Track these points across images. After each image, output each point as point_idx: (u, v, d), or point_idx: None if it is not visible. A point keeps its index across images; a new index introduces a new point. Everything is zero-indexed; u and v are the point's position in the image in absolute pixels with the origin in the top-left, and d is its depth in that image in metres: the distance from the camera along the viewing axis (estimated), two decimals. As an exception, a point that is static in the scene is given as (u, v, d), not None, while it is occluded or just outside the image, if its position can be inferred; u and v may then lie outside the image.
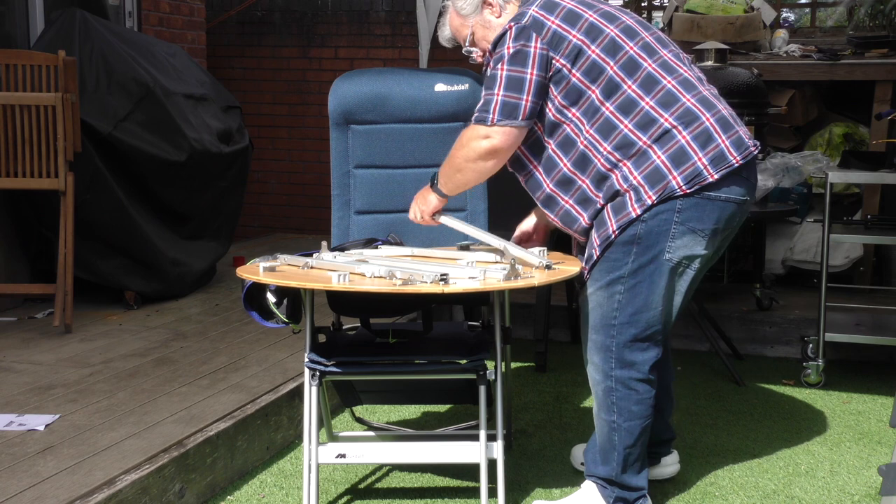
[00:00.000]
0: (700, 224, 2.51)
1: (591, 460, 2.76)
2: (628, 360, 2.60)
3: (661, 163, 2.47)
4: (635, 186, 2.49)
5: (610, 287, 2.57)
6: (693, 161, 2.47)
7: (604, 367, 2.63)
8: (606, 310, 2.59)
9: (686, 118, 2.49)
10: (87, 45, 4.46)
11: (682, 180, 2.47)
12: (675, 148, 2.47)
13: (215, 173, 4.89)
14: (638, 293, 2.55)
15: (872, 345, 4.08)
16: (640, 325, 2.58)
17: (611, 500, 2.69)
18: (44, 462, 2.63)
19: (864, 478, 3.09)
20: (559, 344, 4.62)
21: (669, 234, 2.51)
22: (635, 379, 2.61)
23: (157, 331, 4.10)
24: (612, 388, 2.62)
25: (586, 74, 2.51)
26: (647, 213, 2.49)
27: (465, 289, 2.34)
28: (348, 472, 3.10)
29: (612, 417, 2.64)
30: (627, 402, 2.61)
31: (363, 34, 6.98)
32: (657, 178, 2.47)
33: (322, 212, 3.89)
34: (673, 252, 2.53)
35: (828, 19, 6.36)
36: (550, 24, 2.53)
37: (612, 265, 2.56)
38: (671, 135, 2.48)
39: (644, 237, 2.51)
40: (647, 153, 2.49)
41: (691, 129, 2.48)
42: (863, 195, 5.22)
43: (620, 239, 2.53)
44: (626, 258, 2.53)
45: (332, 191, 3.05)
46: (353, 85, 3.02)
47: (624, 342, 2.59)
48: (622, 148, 2.50)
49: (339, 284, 2.33)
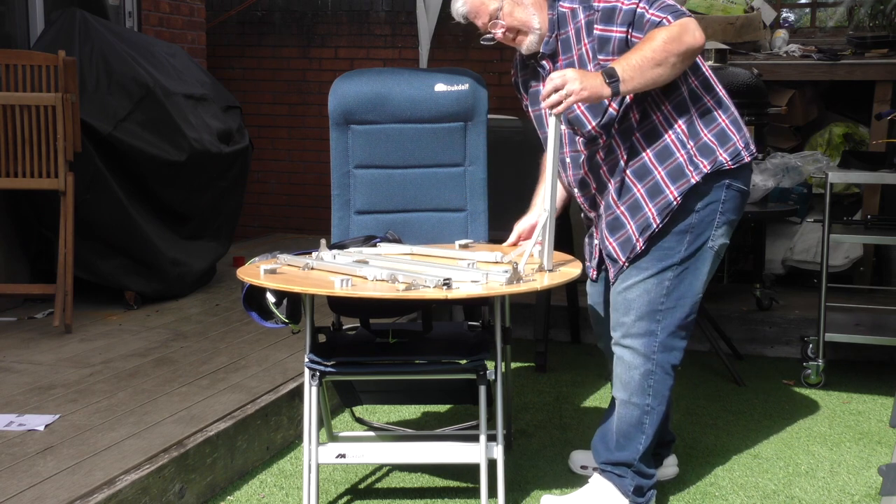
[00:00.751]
0: (734, 215, 2.70)
1: (605, 448, 2.78)
2: (670, 345, 2.69)
3: (709, 140, 2.62)
4: (690, 155, 2.61)
5: (661, 274, 2.66)
6: (733, 141, 2.64)
7: (645, 352, 2.69)
8: (654, 296, 2.66)
9: (722, 104, 2.67)
10: (87, 45, 4.46)
11: (728, 156, 2.62)
12: (717, 128, 2.64)
13: (215, 173, 4.89)
14: (685, 279, 2.67)
15: (872, 345, 4.09)
16: (685, 309, 2.69)
17: (629, 489, 2.71)
18: (44, 462, 2.63)
19: (864, 478, 3.09)
20: (559, 344, 4.62)
21: (714, 223, 2.66)
22: (672, 365, 2.71)
23: (157, 331, 4.10)
24: (652, 372, 2.69)
25: None
26: (699, 204, 2.62)
27: (468, 294, 2.34)
28: (348, 472, 3.10)
29: (646, 401, 2.70)
30: (663, 386, 2.70)
31: (363, 34, 6.98)
32: (707, 152, 2.62)
33: (322, 212, 3.89)
34: (715, 240, 2.67)
35: (828, 19, 6.35)
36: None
37: (665, 253, 2.65)
38: (713, 115, 2.64)
39: (696, 226, 2.64)
40: (695, 124, 2.62)
41: (728, 115, 2.67)
42: (863, 195, 5.22)
43: (676, 228, 2.63)
44: (680, 246, 2.65)
45: (332, 191, 3.05)
46: (353, 85, 3.02)
47: (670, 326, 2.68)
48: (678, 106, 2.63)
49: (342, 290, 2.33)
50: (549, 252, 2.57)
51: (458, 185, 3.04)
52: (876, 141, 4.87)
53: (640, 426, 2.71)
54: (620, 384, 2.75)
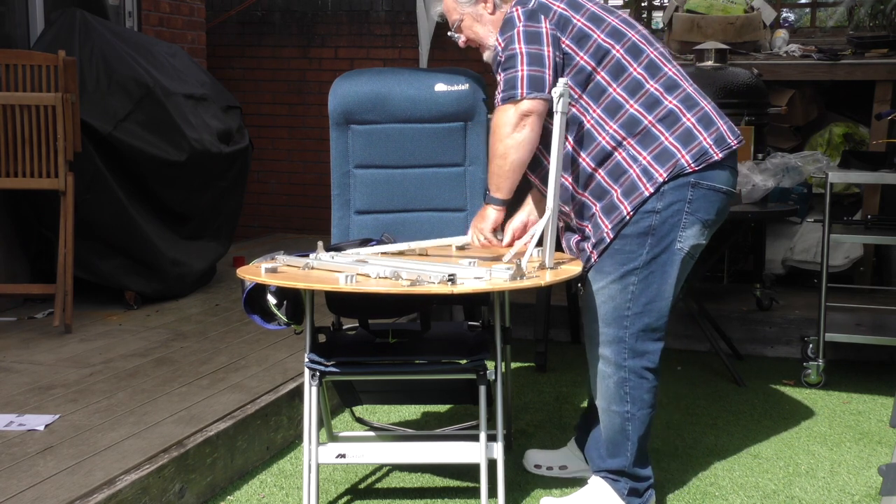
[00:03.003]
0: (706, 215, 2.60)
1: (598, 456, 2.77)
2: (640, 349, 2.64)
3: (670, 143, 2.56)
4: (644, 166, 2.55)
5: (624, 279, 2.60)
6: (699, 140, 2.56)
7: (616, 359, 2.65)
8: (620, 301, 2.62)
9: (688, 102, 2.60)
10: (87, 46, 4.46)
11: (691, 158, 2.55)
12: (681, 129, 2.56)
13: (215, 173, 4.89)
14: (651, 283, 2.60)
15: (872, 345, 4.08)
16: (653, 315, 2.62)
17: (624, 492, 2.70)
18: (44, 462, 2.63)
19: (864, 478, 3.09)
20: (559, 344, 4.62)
21: (681, 224, 2.58)
22: (647, 368, 2.65)
23: (157, 331, 4.10)
24: (626, 379, 2.65)
25: (593, 56, 2.58)
26: (661, 204, 2.55)
27: (473, 289, 2.34)
28: (348, 472, 3.10)
29: (625, 408, 2.66)
30: (640, 391, 2.65)
31: (363, 34, 6.98)
32: (666, 157, 2.55)
33: (322, 212, 3.89)
34: (683, 242, 2.60)
35: (828, 19, 6.36)
36: (556, 7, 2.61)
37: (627, 257, 2.59)
38: (675, 116, 2.57)
39: (658, 228, 2.57)
40: (651, 132, 2.55)
41: (694, 112, 2.58)
42: (863, 195, 5.22)
43: (635, 230, 2.57)
44: (641, 249, 2.58)
45: (332, 191, 3.05)
46: (353, 85, 3.02)
47: (637, 332, 2.63)
48: (627, 126, 2.57)
49: (346, 286, 2.32)
50: (551, 250, 2.58)
51: (458, 185, 3.04)
52: (876, 141, 4.87)
53: (623, 433, 2.67)
54: (598, 393, 2.73)
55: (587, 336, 2.75)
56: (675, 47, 5.69)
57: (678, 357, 4.44)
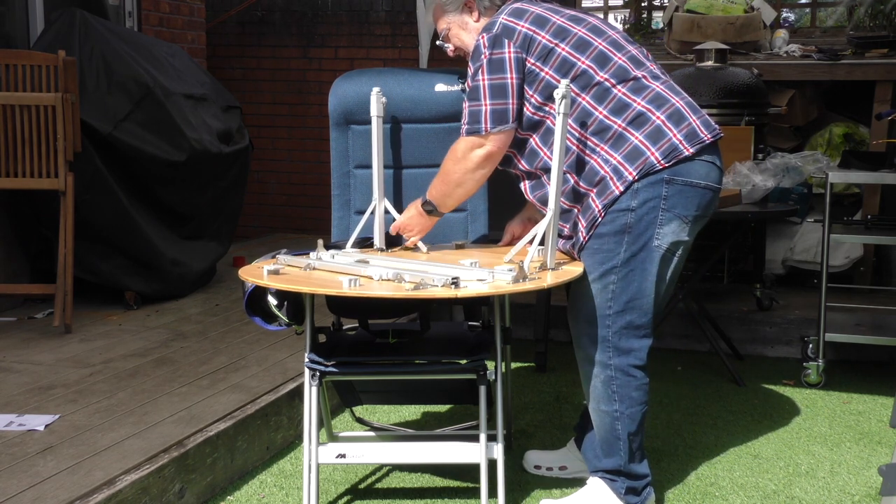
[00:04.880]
0: (685, 210, 2.59)
1: (594, 456, 2.77)
2: (625, 347, 2.63)
3: (640, 142, 2.55)
4: (615, 166, 2.56)
5: (604, 278, 2.60)
6: (669, 137, 2.55)
7: (601, 358, 2.65)
8: (601, 300, 2.62)
9: (657, 101, 2.59)
10: (87, 46, 4.46)
11: (660, 155, 2.54)
12: (651, 128, 2.56)
13: (215, 173, 4.89)
14: (631, 281, 2.59)
15: (872, 345, 4.08)
16: (635, 312, 2.62)
17: (622, 492, 2.70)
18: (44, 462, 2.63)
19: (864, 478, 3.09)
20: (559, 344, 4.61)
21: (657, 221, 2.57)
22: (633, 365, 2.64)
23: (157, 331, 4.10)
24: (612, 378, 2.65)
25: (558, 70, 2.59)
26: (635, 202, 2.55)
27: (476, 292, 2.34)
28: (348, 472, 3.10)
29: (613, 407, 2.66)
30: (627, 388, 2.65)
31: (363, 34, 6.98)
32: (636, 156, 2.55)
33: (322, 212, 3.89)
34: (661, 239, 2.58)
35: (828, 19, 6.36)
36: (520, 27, 2.62)
37: (605, 256, 2.59)
38: (645, 117, 2.57)
39: (634, 226, 2.56)
40: (623, 135, 2.56)
41: (664, 110, 2.58)
42: (863, 195, 5.22)
43: (611, 230, 2.57)
44: (619, 248, 2.58)
45: (332, 191, 3.05)
46: (353, 85, 3.02)
47: (620, 330, 2.62)
48: (598, 133, 2.58)
49: (350, 290, 2.32)
50: (553, 251, 2.57)
51: (458, 186, 3.04)
52: (876, 141, 4.87)
53: (614, 432, 2.67)
54: (587, 392, 2.74)
55: (573, 336, 2.76)
56: (675, 47, 5.69)
57: (678, 357, 4.44)
